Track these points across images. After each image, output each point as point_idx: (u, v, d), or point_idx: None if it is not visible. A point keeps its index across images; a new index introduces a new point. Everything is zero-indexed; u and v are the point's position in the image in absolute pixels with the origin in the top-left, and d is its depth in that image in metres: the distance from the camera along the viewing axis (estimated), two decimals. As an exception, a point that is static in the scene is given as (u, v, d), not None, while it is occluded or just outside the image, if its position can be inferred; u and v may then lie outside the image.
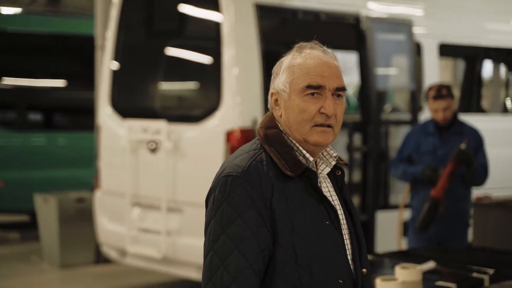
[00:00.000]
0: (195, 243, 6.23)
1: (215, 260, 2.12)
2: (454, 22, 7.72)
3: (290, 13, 6.58)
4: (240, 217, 2.12)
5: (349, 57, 11.02)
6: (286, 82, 2.24)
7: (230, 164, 2.21)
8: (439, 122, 5.79)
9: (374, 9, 7.01)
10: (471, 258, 4.35)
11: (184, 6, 6.75)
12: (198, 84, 6.88)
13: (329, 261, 2.17)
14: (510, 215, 5.73)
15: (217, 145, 6.08)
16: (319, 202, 2.21)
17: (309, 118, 2.21)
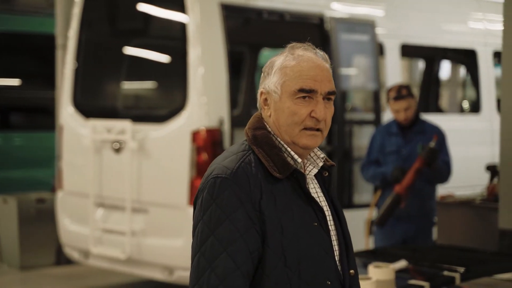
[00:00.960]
0: (160, 243, 6.21)
1: (203, 262, 2.11)
2: (415, 23, 7.81)
3: (255, 13, 6.59)
4: (229, 219, 2.11)
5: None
6: (278, 84, 2.23)
7: (219, 166, 2.19)
8: (401, 122, 5.86)
9: (338, 9, 7.07)
10: (440, 256, 4.40)
11: (149, 5, 6.71)
12: (163, 84, 6.85)
13: (318, 263, 2.17)
14: (473, 213, 5.82)
15: (183, 145, 6.06)
16: (307, 204, 2.21)
17: (299, 121, 2.20)
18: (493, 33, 8.48)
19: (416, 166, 5.62)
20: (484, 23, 8.49)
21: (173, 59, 6.59)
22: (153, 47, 6.92)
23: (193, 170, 6.00)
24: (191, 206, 5.99)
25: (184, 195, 6.02)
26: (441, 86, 9.97)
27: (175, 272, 6.17)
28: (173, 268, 6.17)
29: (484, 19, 8.49)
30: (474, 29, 8.44)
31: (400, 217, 5.77)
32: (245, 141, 2.28)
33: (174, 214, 6.12)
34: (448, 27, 8.27)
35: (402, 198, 5.64)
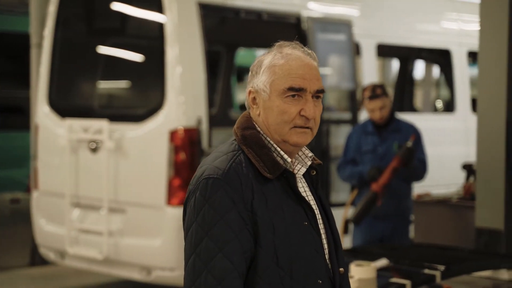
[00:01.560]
0: (138, 243, 6.19)
1: (198, 264, 2.10)
2: (391, 23, 7.86)
3: (233, 12, 6.59)
4: (223, 219, 2.10)
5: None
6: (267, 83, 2.22)
7: (210, 166, 2.18)
8: (376, 121, 5.89)
9: (315, 9, 7.08)
10: (419, 254, 4.44)
11: (126, 4, 6.67)
12: (141, 84, 6.81)
13: (309, 262, 2.17)
14: (450, 212, 5.88)
15: (161, 144, 6.04)
16: (297, 203, 2.21)
17: (289, 120, 2.20)
18: (468, 33, 8.57)
19: (393, 165, 5.65)
20: (459, 23, 8.57)
21: (150, 58, 6.56)
22: (130, 46, 6.89)
23: (171, 170, 5.98)
24: (169, 205, 5.98)
25: (162, 195, 6.00)
26: (416, 86, 10.05)
27: (153, 272, 6.15)
28: (151, 268, 6.15)
29: (458, 19, 8.57)
30: (448, 29, 8.52)
31: (378, 216, 5.80)
32: (234, 140, 2.26)
33: (152, 214, 6.10)
34: (423, 27, 8.33)
35: (378, 196, 5.67)
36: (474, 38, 8.55)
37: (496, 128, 5.41)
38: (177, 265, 6.01)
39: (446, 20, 8.55)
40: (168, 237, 6.00)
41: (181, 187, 5.96)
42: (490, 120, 5.46)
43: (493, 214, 5.36)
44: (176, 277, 6.06)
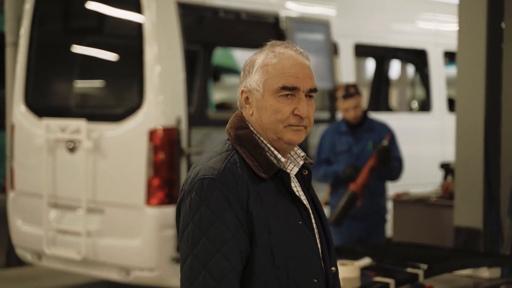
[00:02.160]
0: (116, 243, 6.15)
1: (196, 264, 2.09)
2: (368, 22, 7.90)
3: (211, 12, 6.57)
4: (219, 220, 2.09)
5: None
6: (260, 82, 2.22)
7: (204, 167, 2.17)
8: (350, 120, 5.91)
9: (293, 9, 7.09)
10: (401, 253, 4.46)
11: (104, 3, 6.63)
12: (119, 83, 6.77)
13: (304, 261, 2.18)
14: (429, 211, 5.92)
15: (140, 144, 6.01)
16: (291, 203, 2.21)
17: (283, 119, 2.20)
18: (444, 33, 8.63)
19: (370, 165, 5.68)
20: (435, 23, 8.63)
21: (129, 57, 6.52)
22: (108, 45, 6.85)
23: (150, 170, 5.95)
24: (148, 205, 5.95)
25: (141, 195, 5.97)
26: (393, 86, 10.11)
27: (131, 272, 6.12)
28: (130, 269, 6.11)
29: (434, 20, 8.63)
30: (425, 29, 8.57)
31: (356, 216, 5.82)
32: (227, 140, 2.26)
33: (131, 214, 6.07)
34: (400, 27, 8.39)
35: (357, 196, 5.69)
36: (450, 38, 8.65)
37: (475, 128, 5.46)
38: (156, 265, 5.98)
39: (422, 20, 8.61)
40: (147, 237, 5.98)
41: (160, 187, 5.94)
42: (469, 119, 5.51)
43: (471, 213, 5.42)
44: (155, 277, 6.03)
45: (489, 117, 5.48)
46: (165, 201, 5.96)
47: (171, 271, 6.01)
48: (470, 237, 5.39)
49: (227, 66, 12.34)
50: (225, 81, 13.23)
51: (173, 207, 5.95)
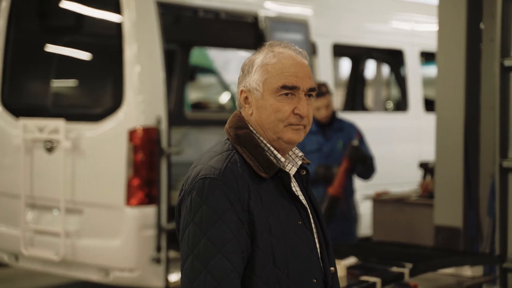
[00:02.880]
0: (96, 244, 6.11)
1: (197, 264, 2.08)
2: (346, 23, 7.93)
3: (191, 11, 6.56)
4: (220, 220, 2.09)
5: (248, 56, 11.12)
6: (260, 81, 2.22)
7: (205, 166, 2.17)
8: (321, 120, 5.88)
9: (272, 8, 7.10)
10: (386, 253, 4.48)
11: (83, 2, 6.58)
12: (98, 82, 6.73)
13: (304, 261, 2.18)
14: (409, 210, 5.96)
15: (119, 144, 5.97)
16: (291, 203, 2.22)
17: (283, 118, 2.21)
18: (420, 33, 8.70)
19: (344, 166, 5.69)
20: (411, 23, 8.70)
21: (108, 57, 6.48)
22: (87, 44, 6.80)
23: (130, 170, 5.92)
24: (128, 206, 5.92)
25: (121, 195, 5.94)
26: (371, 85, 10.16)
27: (111, 273, 6.08)
28: (109, 269, 6.08)
29: (411, 20, 8.70)
30: (401, 29, 8.63)
31: None
32: (227, 140, 2.26)
33: (111, 214, 6.03)
34: (377, 27, 8.43)
35: (338, 199, 5.69)
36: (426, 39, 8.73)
37: (455, 127, 5.51)
38: (136, 265, 5.96)
39: (399, 20, 8.67)
40: (127, 238, 5.94)
41: (140, 187, 5.91)
42: (449, 119, 5.56)
43: (451, 212, 5.46)
44: (135, 278, 6.01)
45: (468, 117, 5.53)
46: (145, 201, 5.94)
47: (151, 271, 5.99)
48: (450, 236, 5.43)
49: (202, 66, 12.32)
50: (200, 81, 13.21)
51: (153, 207, 5.94)
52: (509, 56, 5.18)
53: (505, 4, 5.21)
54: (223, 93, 12.48)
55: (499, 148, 5.18)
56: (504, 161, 5.18)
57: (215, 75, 12.40)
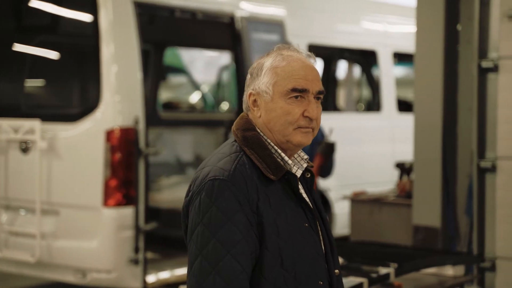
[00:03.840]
0: (72, 245, 6.07)
1: (205, 265, 2.08)
2: (321, 23, 7.97)
3: (168, 11, 6.54)
4: (230, 221, 2.09)
5: (225, 56, 11.09)
6: (269, 84, 2.23)
7: (214, 168, 2.17)
8: None
9: (248, 9, 7.10)
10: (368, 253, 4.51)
11: (59, 1, 6.51)
12: (75, 82, 6.66)
13: (311, 263, 2.19)
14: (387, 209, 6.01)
15: (97, 144, 5.93)
16: (297, 205, 2.23)
17: (293, 121, 2.21)
18: (393, 34, 8.77)
19: (317, 164, 5.73)
20: (384, 24, 8.76)
21: (85, 56, 6.43)
22: (63, 44, 6.73)
23: (108, 170, 5.88)
24: (105, 207, 5.88)
25: (98, 196, 5.90)
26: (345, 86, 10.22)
27: (88, 274, 6.04)
28: (86, 271, 6.03)
29: (384, 21, 8.76)
30: (374, 30, 8.69)
31: None
32: (234, 142, 2.26)
33: (88, 215, 5.99)
34: (350, 28, 8.48)
35: None
36: (399, 40, 8.81)
37: (433, 128, 5.57)
38: (114, 267, 5.92)
39: (372, 21, 8.73)
40: (105, 239, 5.91)
41: (117, 188, 5.88)
42: (427, 119, 5.62)
43: (430, 211, 5.52)
44: (112, 279, 5.97)
45: (446, 118, 5.59)
46: (123, 202, 5.91)
47: (128, 272, 5.96)
48: (428, 235, 5.49)
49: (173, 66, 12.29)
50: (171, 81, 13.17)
51: (131, 208, 5.91)
52: (487, 58, 5.26)
53: (482, 6, 5.28)
54: (193, 93, 12.46)
55: (476, 149, 5.25)
56: (481, 161, 5.25)
57: (186, 74, 12.37)
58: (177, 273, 6.51)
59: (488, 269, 5.17)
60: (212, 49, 10.86)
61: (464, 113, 5.59)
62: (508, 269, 5.14)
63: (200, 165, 2.26)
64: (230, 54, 10.04)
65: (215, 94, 11.60)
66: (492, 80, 5.23)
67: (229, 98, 11.19)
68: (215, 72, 11.75)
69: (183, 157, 8.60)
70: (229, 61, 11.56)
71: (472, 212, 5.31)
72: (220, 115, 10.12)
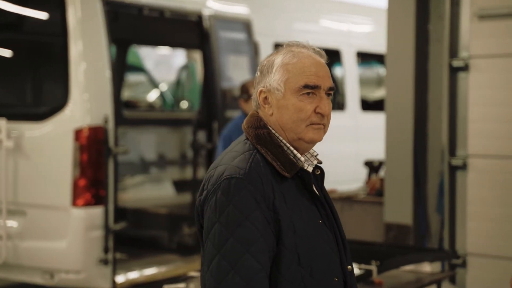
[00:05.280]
0: (40, 246, 5.98)
1: (224, 265, 2.06)
2: (286, 22, 7.99)
3: (136, 9, 6.48)
4: (248, 219, 2.08)
5: (184, 54, 11.02)
6: (281, 81, 2.22)
7: (229, 166, 2.15)
8: None
9: (216, 7, 7.07)
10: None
11: (27, -1, 6.41)
12: (43, 81, 6.55)
13: (326, 260, 2.19)
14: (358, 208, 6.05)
15: (65, 144, 5.84)
16: (311, 202, 2.22)
17: (305, 118, 2.21)
18: (356, 34, 8.84)
19: None
20: (348, 24, 8.82)
21: (53, 54, 6.33)
22: (31, 42, 6.61)
23: (76, 170, 5.80)
24: (74, 207, 5.80)
25: (67, 196, 5.81)
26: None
27: (56, 275, 5.95)
28: (54, 272, 5.94)
29: (348, 21, 8.82)
30: (338, 30, 8.75)
31: None
32: (246, 140, 2.25)
33: (56, 215, 5.90)
34: (315, 27, 8.52)
35: None
36: (363, 39, 8.89)
37: (404, 126, 5.62)
38: (83, 267, 5.85)
39: (336, 21, 8.78)
40: (74, 239, 5.83)
41: (87, 188, 5.81)
42: (398, 118, 5.67)
43: (401, 209, 5.57)
44: (81, 279, 5.89)
45: (417, 116, 5.65)
46: (92, 201, 5.84)
47: (98, 273, 5.89)
48: (400, 233, 5.55)
49: (132, 64, 12.18)
50: (129, 79, 13.06)
51: (101, 208, 5.84)
52: (457, 57, 5.33)
53: (452, 6, 5.35)
54: (151, 91, 12.37)
55: (448, 147, 5.32)
56: (452, 159, 5.32)
57: (144, 73, 12.28)
58: (146, 273, 6.46)
59: (460, 266, 5.25)
60: (180, 47, 10.79)
61: (435, 111, 5.65)
62: (478, 265, 5.22)
63: (212, 164, 2.24)
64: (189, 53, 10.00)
65: (174, 93, 11.53)
66: (462, 79, 5.31)
67: (189, 97, 11.14)
68: (174, 71, 11.68)
69: (147, 157, 8.53)
70: (189, 59, 11.51)
71: (443, 210, 5.38)
72: (185, 114, 10.06)
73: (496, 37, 5.14)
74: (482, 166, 5.15)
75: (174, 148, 8.59)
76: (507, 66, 5.10)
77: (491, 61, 5.17)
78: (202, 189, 2.20)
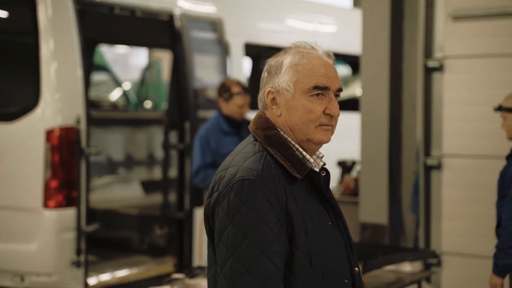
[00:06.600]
0: (10, 248, 5.87)
1: (238, 267, 2.03)
2: (256, 22, 7.97)
3: (107, 8, 6.40)
4: (262, 221, 2.05)
5: (163, 55, 10.91)
6: (290, 82, 2.20)
7: (241, 168, 2.13)
8: (238, 118, 5.75)
9: (187, 7, 7.03)
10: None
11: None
12: (13, 80, 6.43)
13: (336, 262, 2.19)
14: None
15: (36, 144, 5.74)
16: (320, 203, 2.22)
17: (314, 119, 2.20)
18: (324, 34, 8.87)
19: None
20: (316, 24, 8.85)
21: (23, 54, 6.21)
22: (1, 41, 6.49)
23: (48, 171, 5.71)
24: (46, 208, 5.71)
25: (39, 197, 5.71)
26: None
27: (27, 278, 5.85)
28: (25, 274, 5.84)
29: (315, 21, 8.85)
30: (305, 30, 8.77)
31: None
32: (255, 141, 2.22)
33: (27, 217, 5.79)
34: (285, 27, 8.52)
35: None
36: (329, 39, 8.92)
37: (379, 127, 5.65)
38: (54, 270, 5.76)
39: (304, 21, 8.80)
40: (45, 241, 5.73)
41: (58, 189, 5.72)
42: (373, 118, 5.69)
43: (376, 209, 5.60)
44: (53, 282, 5.80)
45: (392, 116, 5.68)
46: (64, 203, 5.75)
47: (70, 275, 5.81)
48: (375, 232, 5.57)
49: (95, 63, 12.06)
50: (92, 79, 12.94)
51: (73, 210, 5.76)
52: (432, 57, 5.37)
53: (427, 7, 5.40)
54: (114, 91, 12.25)
55: (423, 147, 5.36)
56: (427, 159, 5.36)
57: (107, 72, 12.16)
58: (118, 275, 6.39)
59: (435, 265, 5.29)
60: (150, 47, 10.70)
61: (410, 112, 5.69)
62: (453, 264, 5.27)
63: (221, 166, 2.21)
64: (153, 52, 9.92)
65: (137, 93, 11.44)
66: (437, 79, 5.36)
67: (153, 96, 11.05)
68: (137, 70, 11.60)
69: (114, 157, 8.45)
70: (153, 59, 11.43)
71: (418, 209, 5.42)
72: (152, 113, 9.98)
73: (470, 38, 5.20)
74: (457, 166, 5.20)
75: (141, 148, 8.52)
76: (481, 67, 5.16)
77: (465, 62, 5.22)
78: (211, 191, 2.17)
